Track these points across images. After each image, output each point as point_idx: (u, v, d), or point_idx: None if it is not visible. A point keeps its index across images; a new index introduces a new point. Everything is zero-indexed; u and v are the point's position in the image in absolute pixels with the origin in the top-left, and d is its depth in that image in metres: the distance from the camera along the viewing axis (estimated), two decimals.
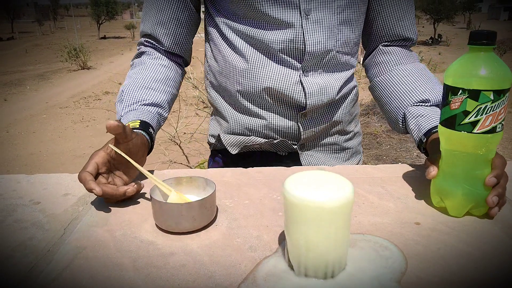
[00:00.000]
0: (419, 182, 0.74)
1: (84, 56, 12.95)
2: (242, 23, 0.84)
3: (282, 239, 0.57)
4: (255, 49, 0.85)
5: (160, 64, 0.91)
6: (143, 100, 0.84)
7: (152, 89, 0.87)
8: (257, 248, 0.55)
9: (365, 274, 0.48)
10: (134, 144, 0.70)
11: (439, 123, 0.62)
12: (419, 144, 0.79)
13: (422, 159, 4.60)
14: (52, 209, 0.67)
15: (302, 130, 0.91)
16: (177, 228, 0.58)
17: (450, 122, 0.60)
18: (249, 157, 0.97)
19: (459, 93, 0.58)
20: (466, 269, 0.50)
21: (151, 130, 0.78)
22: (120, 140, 0.68)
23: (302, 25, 0.81)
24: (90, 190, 0.62)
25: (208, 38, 0.94)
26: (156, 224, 0.61)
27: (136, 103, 0.84)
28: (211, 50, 0.94)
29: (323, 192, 0.45)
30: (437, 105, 0.83)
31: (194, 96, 4.95)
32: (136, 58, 0.94)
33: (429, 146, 0.76)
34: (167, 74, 0.91)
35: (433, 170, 0.64)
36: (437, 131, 0.74)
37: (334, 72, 0.89)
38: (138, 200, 0.69)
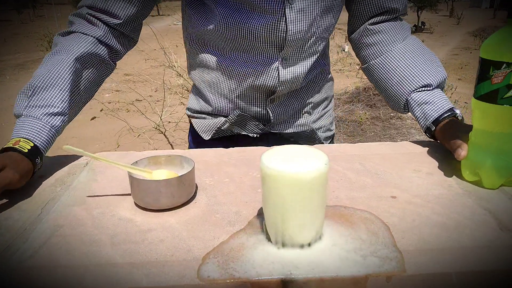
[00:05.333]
0: (397, 159, 0.75)
1: None
2: (224, 6, 0.82)
3: (261, 213, 0.57)
4: (235, 34, 0.83)
5: (79, 67, 0.77)
6: (52, 106, 0.72)
7: (63, 90, 0.74)
8: (236, 222, 0.56)
9: (356, 253, 0.49)
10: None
11: (475, 97, 0.62)
12: (426, 131, 0.80)
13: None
14: (29, 190, 0.66)
15: (271, 114, 0.92)
16: (155, 205, 0.58)
17: (491, 96, 0.60)
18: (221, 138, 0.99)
19: (502, 67, 0.58)
20: (440, 238, 0.52)
21: (38, 160, 0.66)
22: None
23: (285, 13, 0.79)
24: None
25: (186, 18, 0.92)
26: (134, 202, 0.61)
27: (43, 106, 0.71)
28: (190, 32, 0.92)
29: (298, 164, 0.46)
30: (438, 87, 0.83)
31: (178, 85, 4.91)
32: (64, 35, 0.81)
33: (439, 134, 0.77)
34: (88, 75, 0.80)
35: (462, 151, 0.65)
36: (445, 118, 0.77)
37: (310, 57, 0.89)
38: (117, 179, 0.69)
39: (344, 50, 7.94)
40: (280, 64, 0.85)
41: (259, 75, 0.86)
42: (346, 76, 6.55)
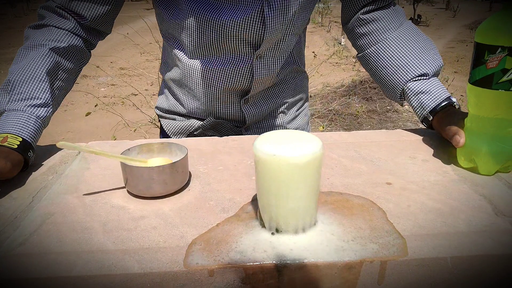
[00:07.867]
0: (392, 146, 0.75)
1: None
2: (193, 1, 0.77)
3: (255, 199, 0.57)
4: (210, 33, 0.79)
5: (55, 58, 0.76)
6: (34, 98, 0.71)
7: (43, 81, 0.73)
8: (230, 209, 0.55)
9: (351, 239, 0.48)
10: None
11: (470, 83, 0.62)
12: (423, 121, 0.80)
13: None
14: (20, 178, 0.65)
15: (246, 115, 0.91)
16: (148, 192, 0.57)
17: (486, 81, 0.59)
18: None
19: (497, 51, 0.57)
20: (435, 223, 0.51)
21: (30, 153, 0.66)
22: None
23: (263, 12, 0.76)
24: None
25: (156, 13, 0.89)
26: (127, 190, 0.60)
27: (25, 99, 0.70)
28: (160, 28, 0.89)
29: (292, 148, 0.45)
30: (434, 76, 0.82)
31: None
32: (35, 28, 0.78)
33: (436, 123, 0.76)
34: (65, 65, 0.79)
35: (461, 138, 0.65)
36: (442, 107, 0.76)
37: (284, 54, 0.87)
38: (109, 167, 0.68)
39: (340, 43, 7.92)
40: (255, 62, 0.83)
41: (232, 75, 0.84)
42: (342, 69, 6.53)
